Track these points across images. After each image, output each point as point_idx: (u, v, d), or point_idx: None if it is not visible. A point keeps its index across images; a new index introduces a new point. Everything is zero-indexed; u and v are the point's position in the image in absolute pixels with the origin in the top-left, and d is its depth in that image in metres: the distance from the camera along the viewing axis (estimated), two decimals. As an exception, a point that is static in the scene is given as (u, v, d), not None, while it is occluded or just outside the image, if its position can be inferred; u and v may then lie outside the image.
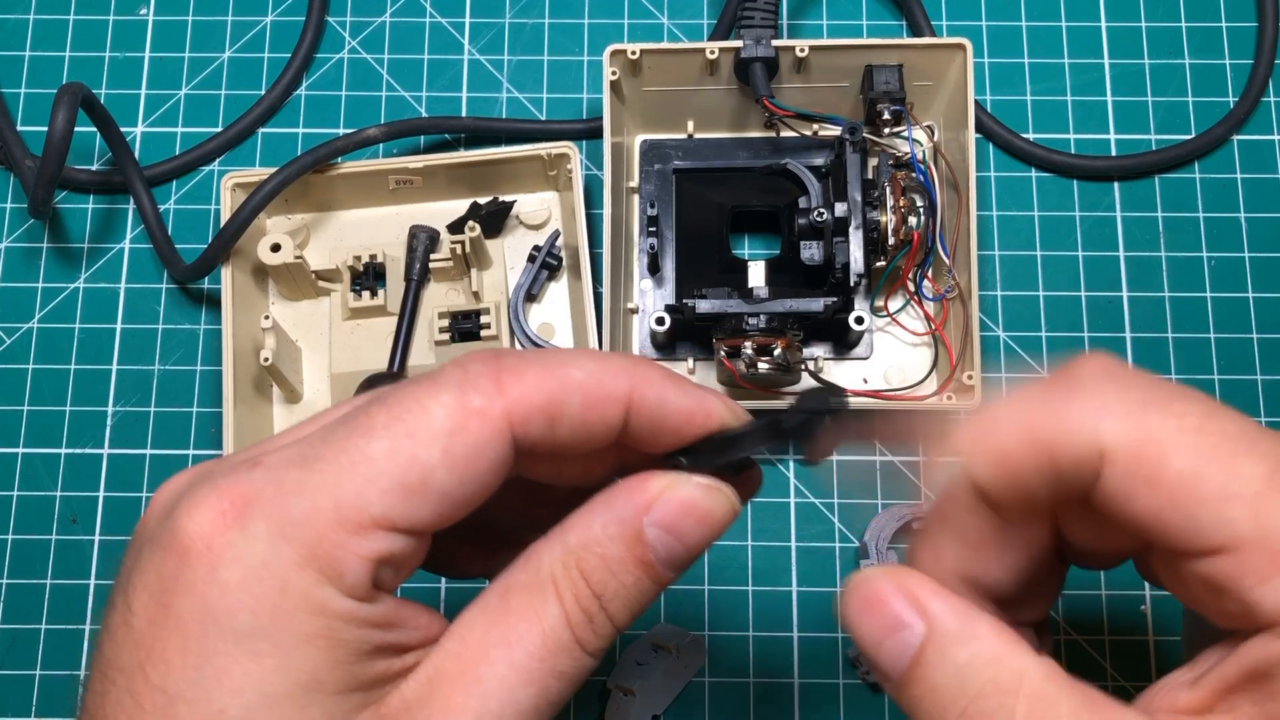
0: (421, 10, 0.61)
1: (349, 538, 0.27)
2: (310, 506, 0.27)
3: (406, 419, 0.27)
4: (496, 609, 0.29)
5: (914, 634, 0.28)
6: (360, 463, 0.27)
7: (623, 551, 0.29)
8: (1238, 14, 0.60)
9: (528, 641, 0.28)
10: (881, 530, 0.51)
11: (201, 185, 0.58)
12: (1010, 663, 0.27)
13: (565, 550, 0.29)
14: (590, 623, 0.29)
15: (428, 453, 0.27)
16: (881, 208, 0.50)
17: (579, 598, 0.28)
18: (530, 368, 0.29)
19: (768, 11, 0.53)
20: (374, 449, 0.27)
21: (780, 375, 0.49)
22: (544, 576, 0.29)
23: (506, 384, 0.28)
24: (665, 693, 0.49)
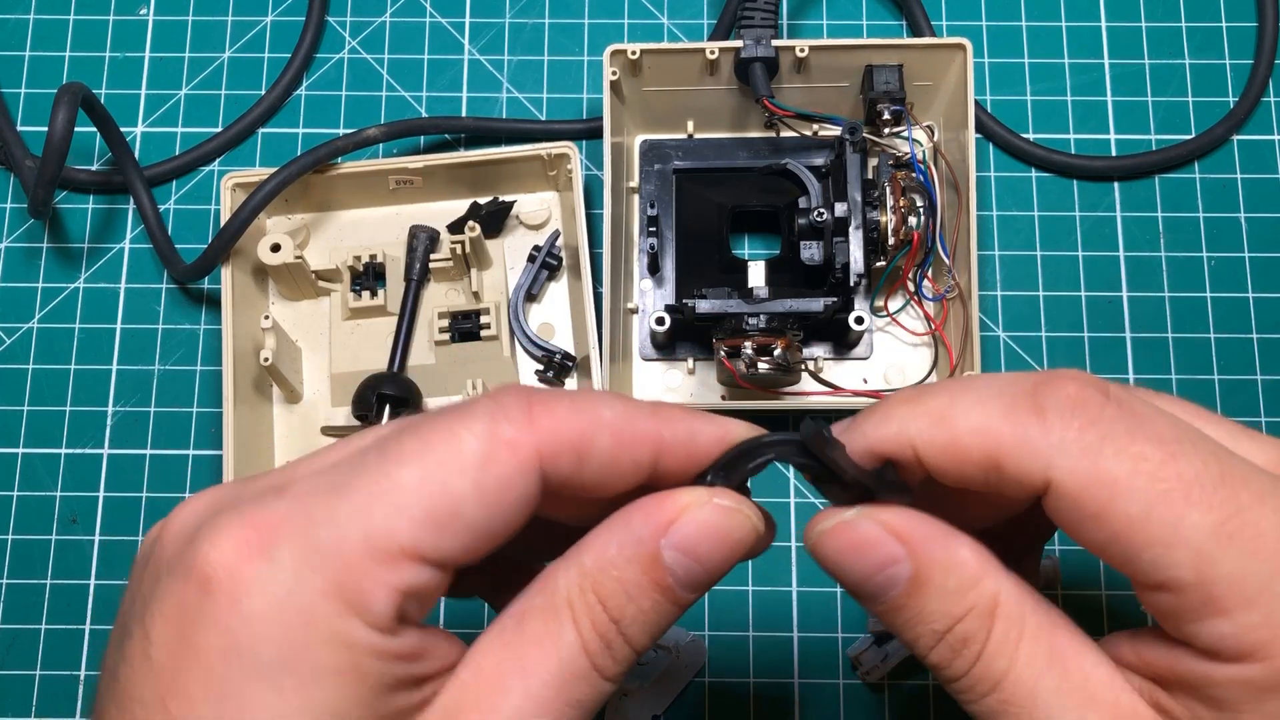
0: (421, 10, 0.61)
1: (377, 568, 0.26)
2: (339, 536, 0.26)
3: (438, 448, 0.27)
4: (512, 636, 0.28)
5: (904, 568, 0.29)
6: (391, 491, 0.26)
7: (640, 575, 0.28)
8: (1238, 14, 0.60)
9: (544, 670, 0.28)
10: None
11: (201, 185, 0.58)
12: (989, 585, 0.29)
13: (581, 574, 0.28)
14: (608, 649, 0.28)
15: (459, 483, 0.27)
16: (881, 208, 0.50)
17: (596, 624, 0.28)
18: (561, 403, 0.28)
19: (768, 11, 0.53)
20: (405, 477, 0.27)
21: (780, 375, 0.49)
22: (559, 602, 0.28)
23: (538, 417, 0.28)
24: (665, 693, 0.49)
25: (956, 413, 0.29)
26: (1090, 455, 0.27)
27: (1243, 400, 0.55)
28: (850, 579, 0.30)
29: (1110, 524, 0.27)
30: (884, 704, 0.51)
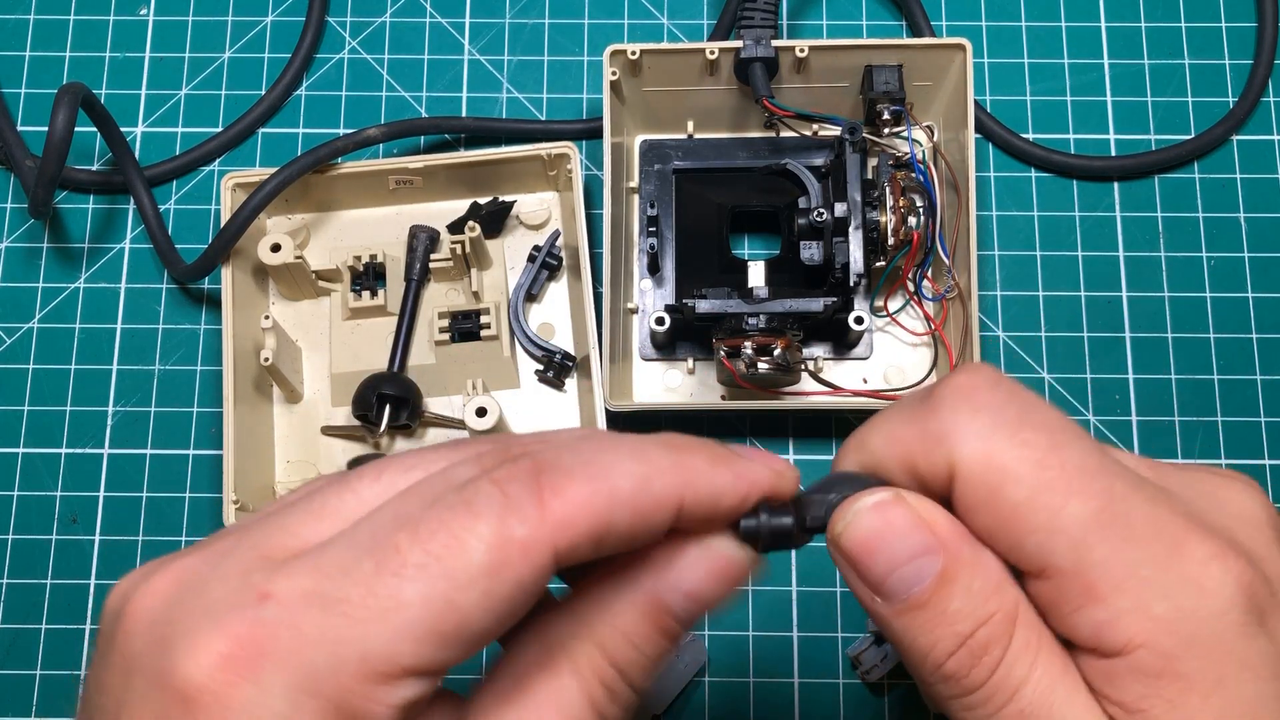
0: (421, 10, 0.61)
1: (376, 689, 0.25)
2: (335, 659, 0.24)
3: (443, 557, 0.25)
4: (514, 695, 0.27)
5: (933, 561, 0.28)
6: (391, 610, 0.25)
7: (645, 625, 0.27)
8: (1238, 14, 0.60)
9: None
10: None
11: (202, 185, 0.58)
12: (1010, 591, 0.28)
13: (583, 626, 0.27)
14: (612, 696, 0.27)
15: (466, 598, 0.25)
16: (881, 208, 0.50)
17: (599, 673, 0.27)
18: (574, 482, 0.26)
19: (768, 12, 0.53)
20: (407, 594, 0.25)
21: (780, 375, 0.49)
22: (559, 655, 0.27)
23: (549, 505, 0.26)
24: (665, 693, 0.49)
25: (868, 434, 0.30)
26: (983, 439, 0.28)
27: (1242, 400, 0.55)
28: (875, 570, 0.28)
29: (998, 509, 0.28)
30: (884, 704, 0.51)
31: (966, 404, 0.28)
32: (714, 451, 0.28)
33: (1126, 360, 0.55)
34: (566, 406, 0.54)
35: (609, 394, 0.50)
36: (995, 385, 0.28)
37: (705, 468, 0.28)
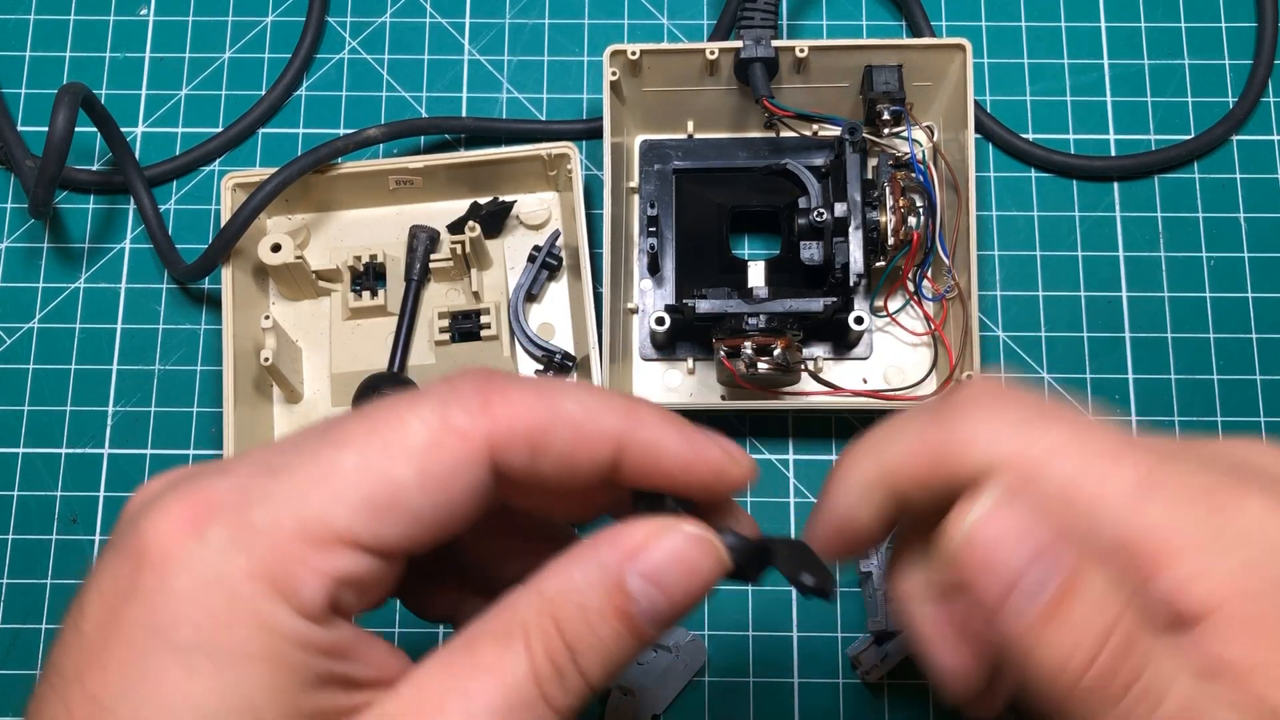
0: (421, 10, 0.61)
1: (308, 552, 0.25)
2: (271, 517, 0.25)
3: (383, 433, 0.26)
4: (459, 657, 0.26)
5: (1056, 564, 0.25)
6: (329, 475, 0.26)
7: (602, 601, 0.26)
8: (1237, 14, 0.60)
9: (488, 695, 0.26)
10: None
11: (202, 185, 0.58)
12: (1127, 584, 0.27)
13: (540, 598, 0.27)
14: (560, 678, 0.26)
15: (401, 470, 0.26)
16: (881, 208, 0.50)
17: (550, 650, 0.26)
18: (521, 392, 0.27)
19: (767, 12, 0.53)
20: (344, 461, 0.26)
21: (780, 375, 0.49)
22: (513, 625, 0.26)
23: (493, 405, 0.27)
24: (665, 693, 0.49)
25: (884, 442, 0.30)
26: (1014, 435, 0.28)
27: (1242, 400, 0.55)
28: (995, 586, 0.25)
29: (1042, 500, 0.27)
30: (884, 704, 0.51)
31: (988, 406, 0.28)
32: (671, 416, 0.29)
33: (1126, 360, 0.55)
34: (566, 406, 0.54)
35: (609, 394, 0.50)
36: (1008, 390, 0.29)
37: (655, 421, 0.28)
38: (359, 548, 0.26)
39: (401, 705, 0.26)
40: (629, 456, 0.28)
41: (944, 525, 0.26)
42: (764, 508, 0.53)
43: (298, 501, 0.25)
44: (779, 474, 0.54)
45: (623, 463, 0.28)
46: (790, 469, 0.54)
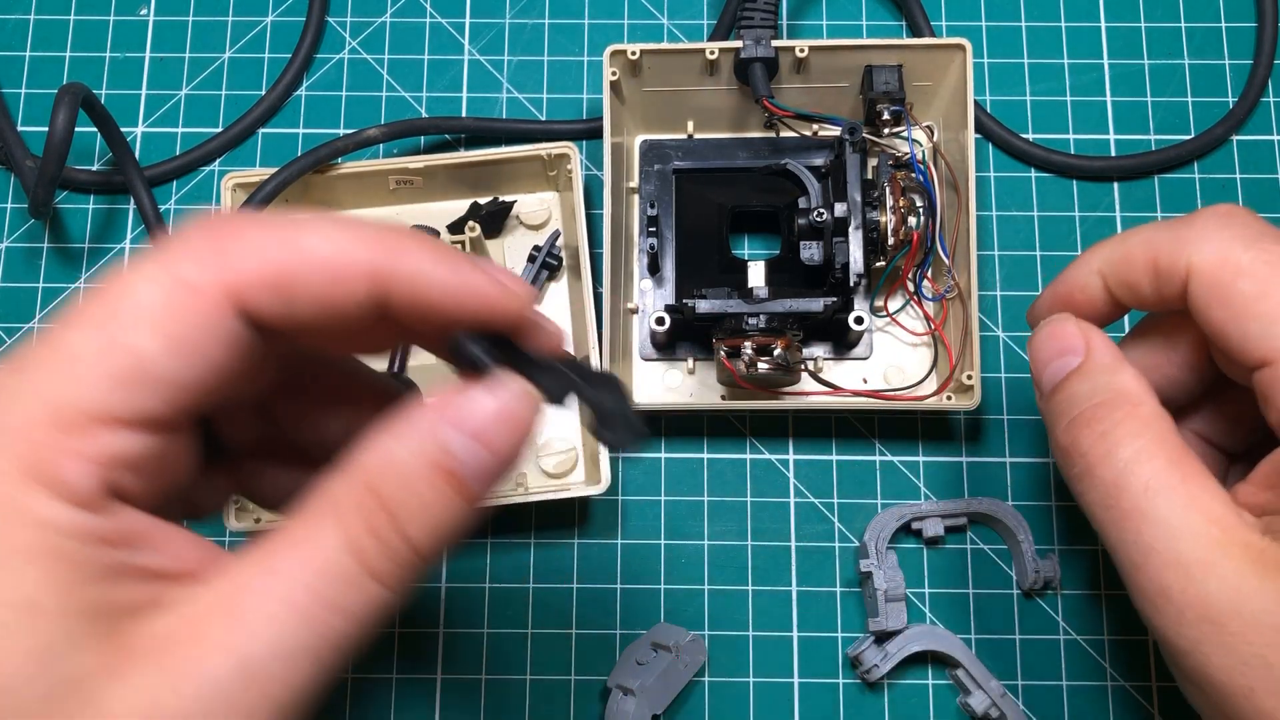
0: (421, 10, 0.61)
1: (66, 439, 0.24)
2: (21, 411, 0.24)
3: (114, 304, 0.25)
4: (274, 538, 0.25)
5: (1076, 358, 0.37)
6: (71, 359, 0.24)
7: (423, 464, 0.25)
8: (1237, 14, 0.60)
9: (299, 571, 0.24)
10: (881, 530, 0.51)
11: (202, 185, 0.58)
12: (1132, 393, 0.35)
13: (358, 468, 0.25)
14: (384, 548, 0.25)
15: (138, 337, 0.24)
16: (881, 208, 0.50)
17: (368, 519, 0.25)
18: (256, 233, 0.26)
19: (767, 12, 0.53)
20: (82, 342, 0.24)
21: (780, 375, 0.49)
22: (324, 500, 0.25)
23: (229, 252, 0.25)
24: (665, 693, 0.49)
25: (1127, 234, 0.37)
26: (1223, 245, 0.34)
27: (1242, 400, 0.55)
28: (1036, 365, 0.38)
29: (1229, 302, 0.33)
30: (884, 704, 0.51)
31: (1216, 220, 0.35)
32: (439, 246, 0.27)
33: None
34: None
35: (609, 394, 0.50)
36: (1248, 214, 0.35)
37: (417, 252, 0.27)
38: (120, 424, 0.24)
39: (213, 594, 0.25)
40: (394, 292, 0.26)
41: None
42: (764, 508, 0.53)
43: (45, 390, 0.24)
44: (779, 474, 0.54)
45: (389, 299, 0.26)
46: (790, 469, 0.54)
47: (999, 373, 0.55)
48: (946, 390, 0.51)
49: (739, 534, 0.53)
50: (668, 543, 0.53)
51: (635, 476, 0.54)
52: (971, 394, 0.50)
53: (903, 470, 0.54)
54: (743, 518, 0.54)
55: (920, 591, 0.52)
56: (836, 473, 0.54)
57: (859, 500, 0.54)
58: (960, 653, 0.50)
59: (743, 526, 0.53)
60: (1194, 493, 0.33)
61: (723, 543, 0.53)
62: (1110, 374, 0.36)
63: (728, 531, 0.53)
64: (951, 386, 0.51)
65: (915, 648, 0.50)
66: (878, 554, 0.50)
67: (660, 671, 0.49)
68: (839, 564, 0.53)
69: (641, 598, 0.53)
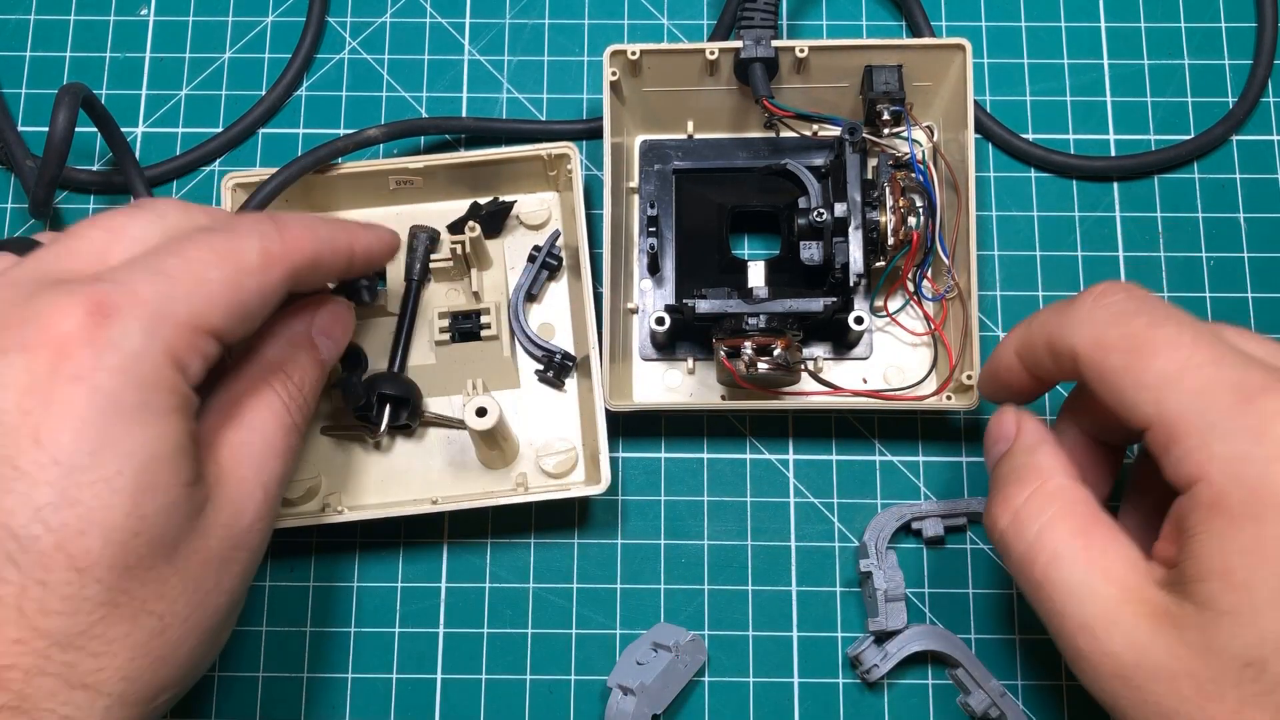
0: (421, 11, 0.61)
1: (195, 339, 0.36)
2: (168, 311, 0.36)
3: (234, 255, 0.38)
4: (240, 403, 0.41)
5: (1006, 443, 0.42)
6: (203, 283, 0.37)
7: (306, 356, 0.44)
8: (1237, 14, 0.60)
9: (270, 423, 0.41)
10: (881, 530, 0.51)
11: (202, 186, 0.58)
12: (1044, 468, 0.40)
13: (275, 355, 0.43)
14: (299, 405, 0.43)
15: (250, 283, 0.38)
16: (881, 208, 0.50)
17: (289, 390, 0.42)
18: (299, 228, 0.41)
19: (767, 12, 0.53)
20: (212, 274, 0.37)
21: (780, 375, 0.49)
22: (263, 380, 0.42)
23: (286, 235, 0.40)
24: (665, 693, 0.49)
25: (1031, 320, 0.42)
26: (1096, 327, 0.38)
27: (1242, 400, 0.55)
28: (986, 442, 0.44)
29: (1105, 378, 0.37)
30: (884, 704, 0.51)
31: (1091, 300, 0.39)
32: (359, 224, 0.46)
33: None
34: (566, 406, 0.54)
35: (609, 394, 0.50)
36: (1124, 292, 0.38)
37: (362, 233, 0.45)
38: (218, 338, 0.38)
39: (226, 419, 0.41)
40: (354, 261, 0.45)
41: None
42: (764, 508, 0.53)
43: (184, 299, 0.36)
44: (779, 474, 0.54)
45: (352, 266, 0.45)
46: (790, 469, 0.54)
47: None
48: (946, 390, 0.51)
49: (739, 534, 0.53)
50: (668, 543, 0.53)
51: (635, 476, 0.54)
52: (971, 394, 0.50)
53: (903, 470, 0.54)
54: (743, 518, 0.54)
55: (920, 591, 0.52)
56: (836, 473, 0.54)
57: (859, 500, 0.54)
58: (960, 653, 0.50)
59: (743, 526, 0.53)
60: (1095, 557, 0.37)
61: (723, 543, 0.53)
62: (1029, 453, 0.41)
63: (728, 531, 0.53)
64: (951, 386, 0.51)
65: (915, 647, 0.50)
66: (878, 554, 0.50)
67: (660, 671, 0.49)
68: (839, 564, 0.53)
69: (641, 598, 0.53)
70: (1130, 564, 0.36)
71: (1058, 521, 0.38)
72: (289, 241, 0.40)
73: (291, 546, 0.53)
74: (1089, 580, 0.36)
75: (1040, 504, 0.39)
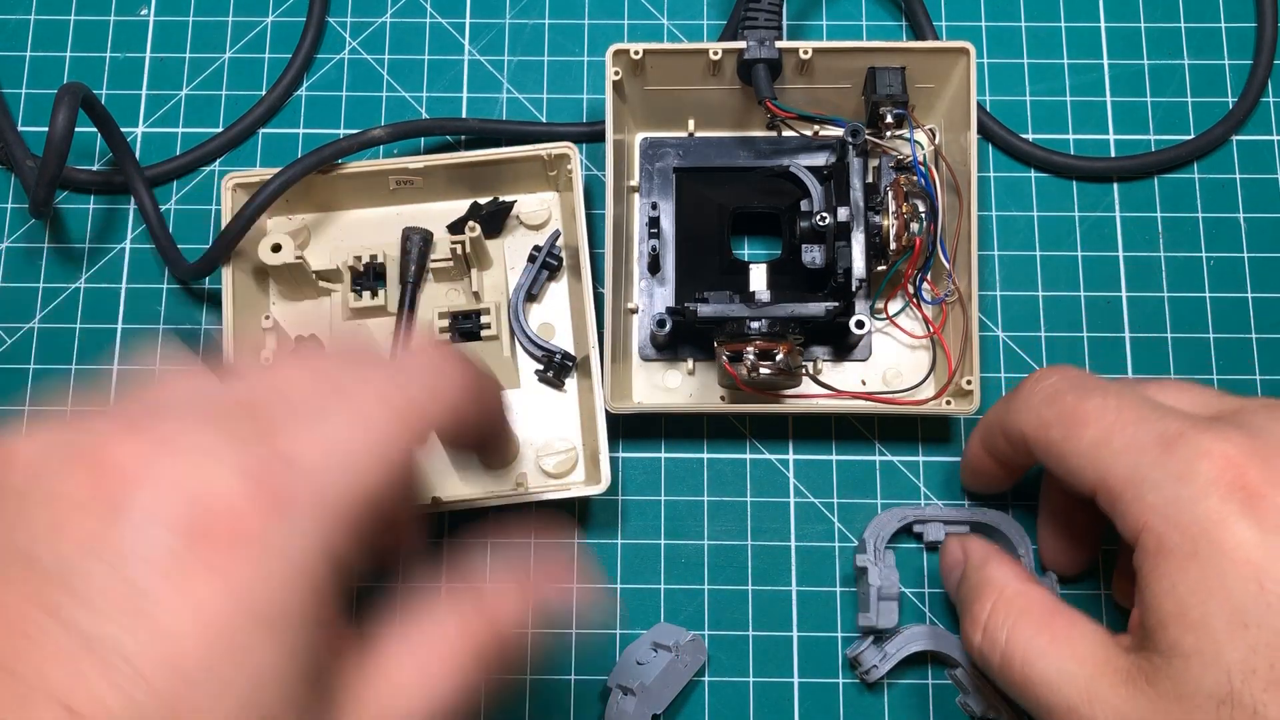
0: (422, 11, 0.61)
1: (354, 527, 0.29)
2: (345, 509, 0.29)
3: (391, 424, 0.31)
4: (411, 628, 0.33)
5: (959, 569, 0.46)
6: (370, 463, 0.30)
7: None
8: (1237, 14, 0.60)
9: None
10: (882, 529, 0.51)
11: (202, 186, 0.58)
12: (996, 581, 0.43)
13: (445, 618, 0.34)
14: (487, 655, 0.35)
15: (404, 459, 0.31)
16: (884, 212, 0.50)
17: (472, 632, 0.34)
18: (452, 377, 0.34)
19: (771, 13, 0.53)
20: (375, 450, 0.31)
21: (782, 379, 0.49)
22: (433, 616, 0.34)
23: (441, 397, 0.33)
24: (665, 693, 0.49)
25: (988, 414, 0.47)
26: (1034, 411, 0.42)
27: (1241, 400, 0.55)
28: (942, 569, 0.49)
29: (1049, 454, 0.41)
30: (884, 704, 0.51)
31: (1030, 386, 0.43)
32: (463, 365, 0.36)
33: (1126, 360, 0.55)
34: (566, 406, 0.54)
35: (609, 394, 0.50)
36: (1059, 375, 0.42)
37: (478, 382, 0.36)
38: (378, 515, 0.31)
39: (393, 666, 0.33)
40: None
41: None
42: (764, 508, 0.54)
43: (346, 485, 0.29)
44: (779, 474, 0.54)
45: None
46: (790, 469, 0.54)
47: (999, 373, 0.55)
48: (945, 395, 0.51)
49: (739, 534, 0.53)
50: (668, 543, 0.53)
51: (635, 476, 0.54)
52: (971, 399, 0.50)
53: (903, 470, 0.54)
54: (743, 518, 0.54)
55: (920, 591, 0.52)
56: (836, 473, 0.54)
57: (859, 500, 0.54)
58: (960, 653, 0.50)
59: (743, 526, 0.53)
60: (1061, 646, 0.39)
61: (723, 543, 0.53)
62: (980, 570, 0.44)
63: (728, 531, 0.53)
64: (950, 391, 0.51)
65: (915, 648, 0.50)
66: (875, 551, 0.50)
67: (660, 671, 0.49)
68: (839, 564, 0.53)
69: (641, 598, 0.53)
70: (1095, 641, 0.39)
71: (1020, 624, 0.41)
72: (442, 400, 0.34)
73: (292, 547, 0.53)
74: (1061, 668, 0.39)
75: (1002, 613, 0.41)
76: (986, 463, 0.48)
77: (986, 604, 0.42)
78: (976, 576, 0.44)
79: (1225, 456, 0.36)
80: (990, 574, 0.44)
